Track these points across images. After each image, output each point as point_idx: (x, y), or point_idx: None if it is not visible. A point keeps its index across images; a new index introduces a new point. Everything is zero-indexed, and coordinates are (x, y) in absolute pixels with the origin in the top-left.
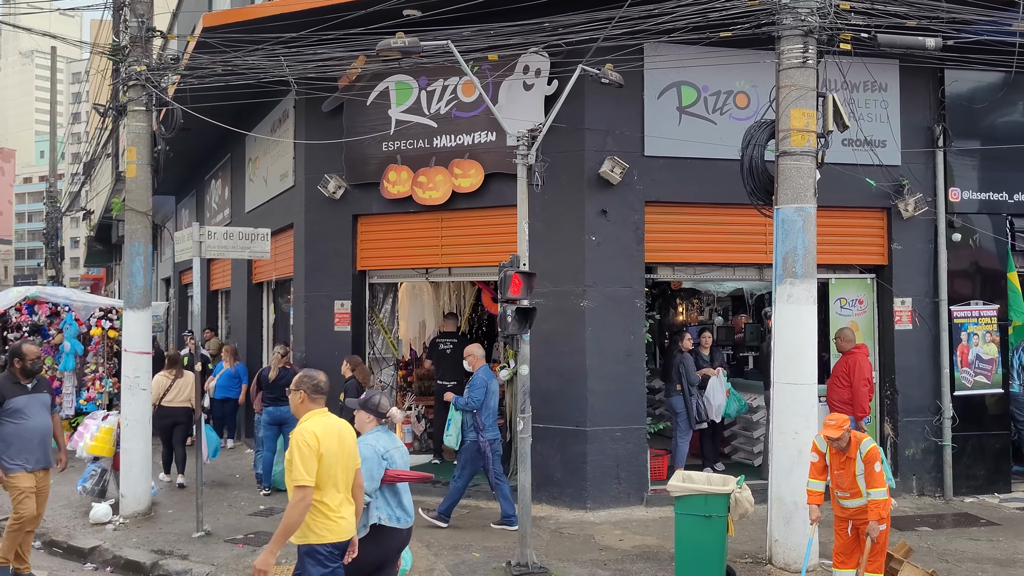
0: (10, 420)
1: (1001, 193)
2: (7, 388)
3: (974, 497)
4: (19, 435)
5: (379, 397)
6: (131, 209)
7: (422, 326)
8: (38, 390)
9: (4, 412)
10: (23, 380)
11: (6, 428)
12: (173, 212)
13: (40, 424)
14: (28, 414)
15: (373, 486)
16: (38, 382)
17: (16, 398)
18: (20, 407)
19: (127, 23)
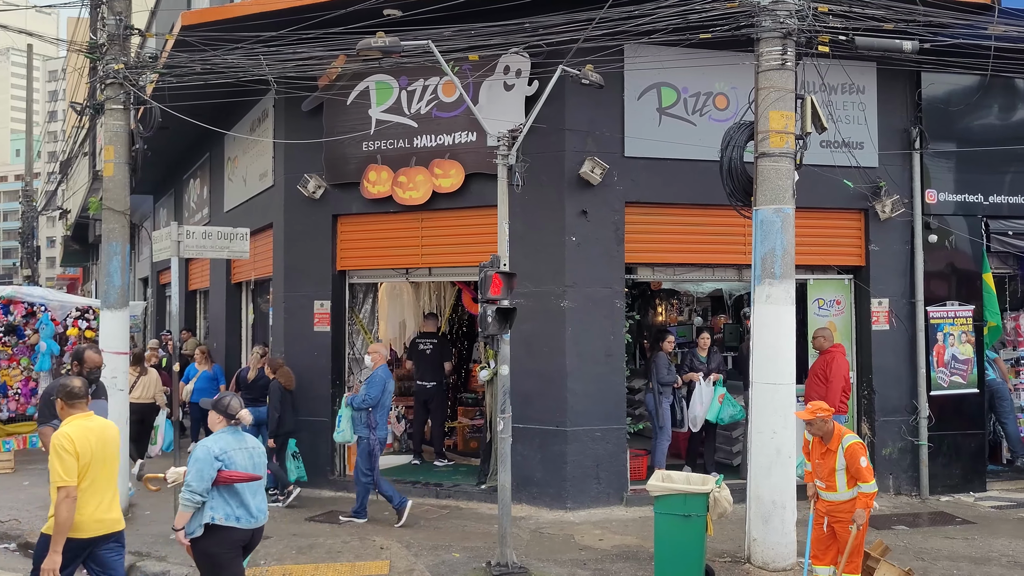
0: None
1: (977, 195)
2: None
3: (950, 496)
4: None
5: (229, 399)
6: (108, 208)
7: (402, 326)
8: (98, 396)
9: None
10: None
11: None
12: (151, 211)
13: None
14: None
15: (204, 486)
16: (97, 388)
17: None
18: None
19: (105, 21)
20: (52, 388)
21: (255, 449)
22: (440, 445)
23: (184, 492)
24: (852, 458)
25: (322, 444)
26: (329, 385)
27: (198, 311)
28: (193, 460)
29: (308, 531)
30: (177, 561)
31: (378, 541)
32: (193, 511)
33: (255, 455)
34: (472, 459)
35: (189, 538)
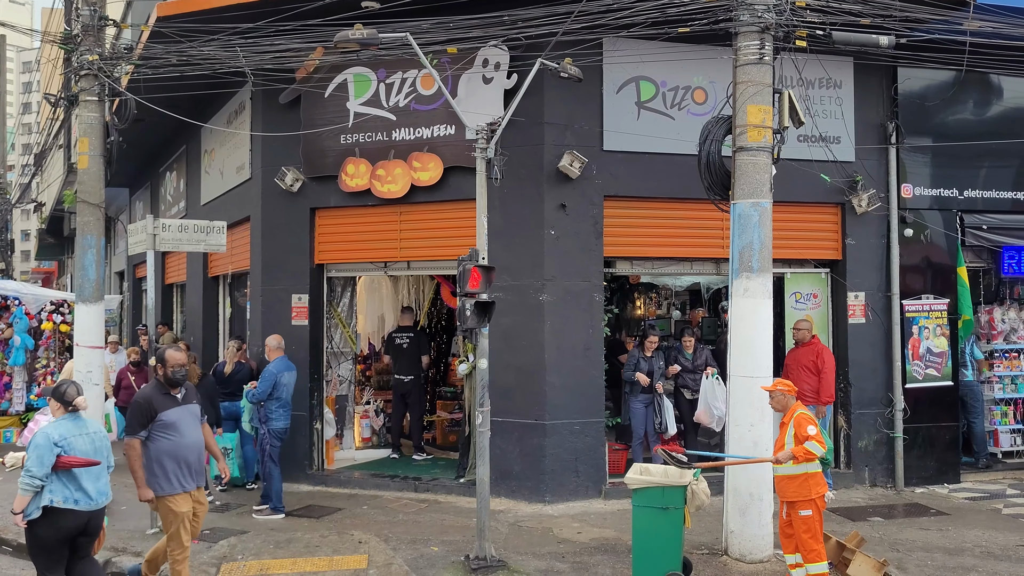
0: (164, 435)
1: (952, 189)
2: (158, 400)
3: (924, 487)
4: (174, 453)
5: (67, 386)
6: (83, 201)
7: (381, 320)
8: (188, 400)
9: (156, 427)
10: (172, 390)
11: (160, 445)
12: (127, 204)
13: (195, 439)
14: (182, 429)
15: (43, 471)
16: (187, 391)
17: (168, 411)
18: (173, 421)
19: (79, 11)
20: (141, 396)
21: (96, 434)
22: (419, 439)
23: (24, 477)
24: (799, 426)
25: (300, 439)
26: (307, 379)
27: (175, 305)
28: (33, 446)
29: (286, 525)
30: None
31: (356, 535)
32: (32, 495)
33: (96, 440)
34: (451, 453)
35: (27, 520)
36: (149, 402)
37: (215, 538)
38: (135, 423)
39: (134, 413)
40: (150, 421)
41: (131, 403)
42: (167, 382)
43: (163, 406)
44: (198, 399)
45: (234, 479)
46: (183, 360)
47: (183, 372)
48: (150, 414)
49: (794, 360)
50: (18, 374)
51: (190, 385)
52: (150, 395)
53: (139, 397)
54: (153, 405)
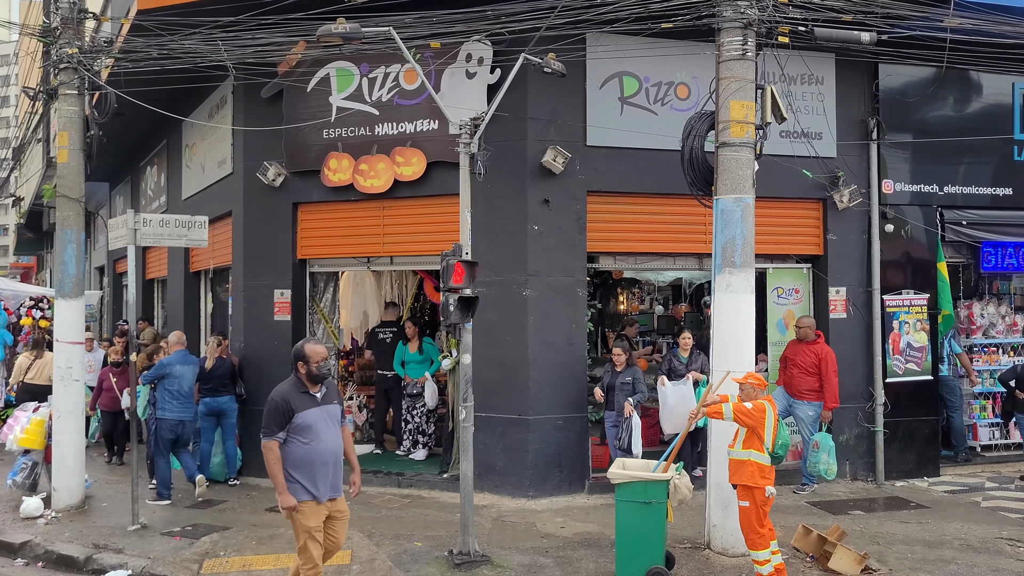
0: (299, 439)
1: (932, 185)
2: (295, 399)
3: (905, 481)
4: (310, 459)
5: None
6: (63, 196)
7: (364, 315)
8: (328, 400)
9: (292, 428)
10: (312, 388)
11: (294, 449)
12: (107, 199)
13: (333, 444)
14: (320, 432)
15: None
16: (327, 390)
17: (306, 412)
18: (311, 423)
19: (58, 3)
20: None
21: None
22: (401, 434)
23: None
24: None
25: None
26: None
27: (156, 300)
28: None
29: (268, 521)
30: (135, 553)
31: None
32: None
33: None
34: (434, 448)
35: None
36: (287, 401)
37: (197, 534)
38: (272, 424)
39: (271, 413)
40: (287, 422)
41: (268, 402)
42: (308, 379)
43: (301, 406)
44: (339, 399)
45: (214, 475)
46: (325, 354)
47: (327, 368)
48: (287, 414)
49: (792, 356)
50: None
51: (332, 383)
52: (287, 393)
53: (276, 395)
54: (291, 404)
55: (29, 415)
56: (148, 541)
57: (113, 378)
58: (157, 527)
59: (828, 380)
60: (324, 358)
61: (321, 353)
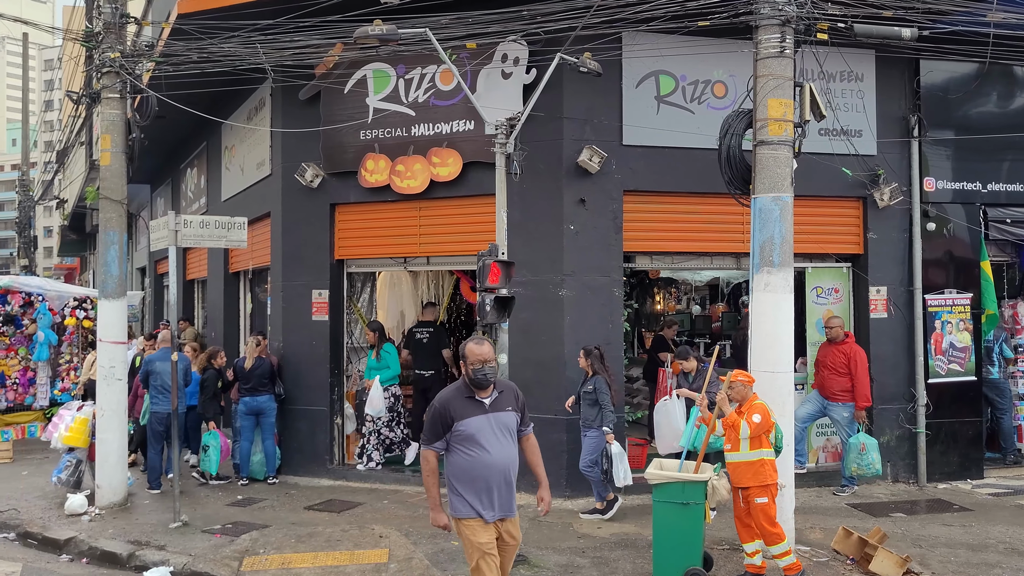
0: (463, 450)
1: (975, 183)
2: (457, 405)
3: (947, 483)
4: (473, 472)
5: None
6: (105, 198)
7: (401, 315)
8: (499, 407)
9: (454, 437)
10: (478, 393)
11: (458, 460)
12: (148, 201)
13: (502, 457)
14: (485, 443)
15: None
16: (499, 396)
17: (469, 420)
18: (473, 432)
19: (100, 9)
20: (439, 399)
21: None
22: None
23: None
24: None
25: (320, 433)
26: (327, 374)
27: (196, 300)
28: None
29: (307, 520)
30: (176, 550)
31: (377, 530)
32: None
33: None
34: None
35: None
36: (446, 407)
37: (237, 532)
38: (430, 431)
39: (429, 419)
40: (447, 430)
41: (429, 406)
42: (471, 383)
43: (462, 413)
44: (517, 406)
45: (254, 473)
46: (489, 355)
47: (490, 371)
48: (446, 422)
49: (823, 358)
50: (42, 369)
51: (508, 386)
52: (449, 398)
53: (437, 400)
54: (450, 411)
55: (73, 413)
56: (189, 538)
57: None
58: (198, 525)
59: (858, 379)
60: (486, 360)
61: (482, 354)
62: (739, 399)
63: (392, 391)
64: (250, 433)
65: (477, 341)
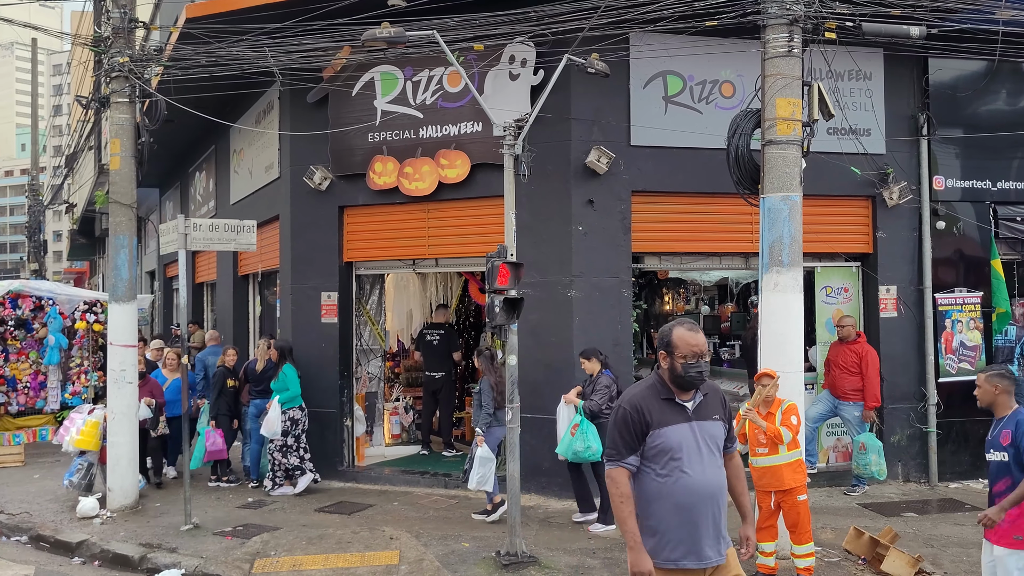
0: (655, 469)
1: (985, 181)
2: (652, 408)
3: (959, 483)
4: (669, 500)
5: None
6: (115, 202)
7: (409, 317)
8: (704, 414)
9: (648, 451)
10: (679, 395)
11: (649, 484)
12: (157, 205)
13: (711, 480)
14: (688, 460)
15: None
16: (704, 399)
17: (669, 429)
18: (673, 445)
19: (109, 14)
20: (628, 400)
21: None
22: (449, 435)
23: None
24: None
25: (331, 435)
26: (337, 376)
27: (205, 304)
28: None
29: (318, 522)
30: (188, 552)
31: (388, 531)
32: None
33: None
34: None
35: None
36: (639, 410)
37: (248, 534)
38: (619, 443)
39: (616, 426)
40: (639, 441)
41: (614, 410)
42: (675, 381)
43: (661, 419)
44: (725, 414)
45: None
46: (704, 346)
47: (705, 367)
48: (640, 429)
49: (834, 357)
50: (53, 373)
51: (712, 388)
52: (642, 399)
53: (625, 401)
54: (644, 415)
55: (84, 417)
56: (200, 541)
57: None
58: (209, 527)
59: (869, 379)
60: (701, 353)
61: (696, 344)
62: (771, 396)
63: (290, 414)
64: (260, 435)
65: (688, 326)
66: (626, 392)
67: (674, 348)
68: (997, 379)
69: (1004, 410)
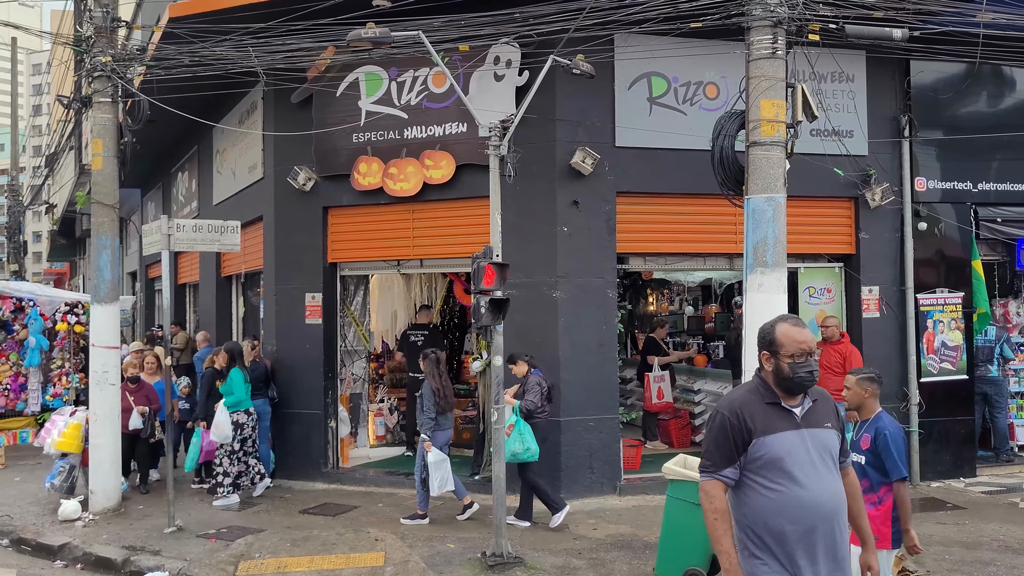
0: (761, 482)
1: (966, 182)
2: (756, 414)
3: (940, 482)
4: (779, 516)
5: None
6: (97, 202)
7: (394, 318)
8: (815, 421)
9: (748, 463)
10: (786, 399)
11: (754, 500)
12: (139, 205)
13: (826, 495)
14: (800, 472)
15: None
16: (813, 405)
17: (774, 437)
18: (782, 455)
19: (91, 13)
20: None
21: None
22: None
23: None
24: None
25: (315, 437)
26: (322, 377)
27: (187, 305)
28: None
29: (302, 523)
30: (171, 555)
31: (373, 533)
32: None
33: None
34: (465, 450)
35: None
36: (740, 416)
37: (232, 536)
38: (713, 451)
39: (713, 433)
40: (740, 451)
41: (711, 416)
42: (781, 384)
43: (765, 426)
44: (837, 423)
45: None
46: (813, 343)
47: (815, 366)
48: (742, 437)
49: (821, 359)
50: (33, 375)
51: (821, 393)
52: (743, 403)
53: (724, 406)
54: (746, 421)
55: (66, 419)
56: (184, 543)
57: (130, 396)
58: (193, 529)
59: None
60: (811, 351)
61: (805, 341)
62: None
63: (234, 418)
64: None
65: (792, 321)
66: (724, 397)
67: (779, 346)
68: (867, 382)
69: (868, 413)
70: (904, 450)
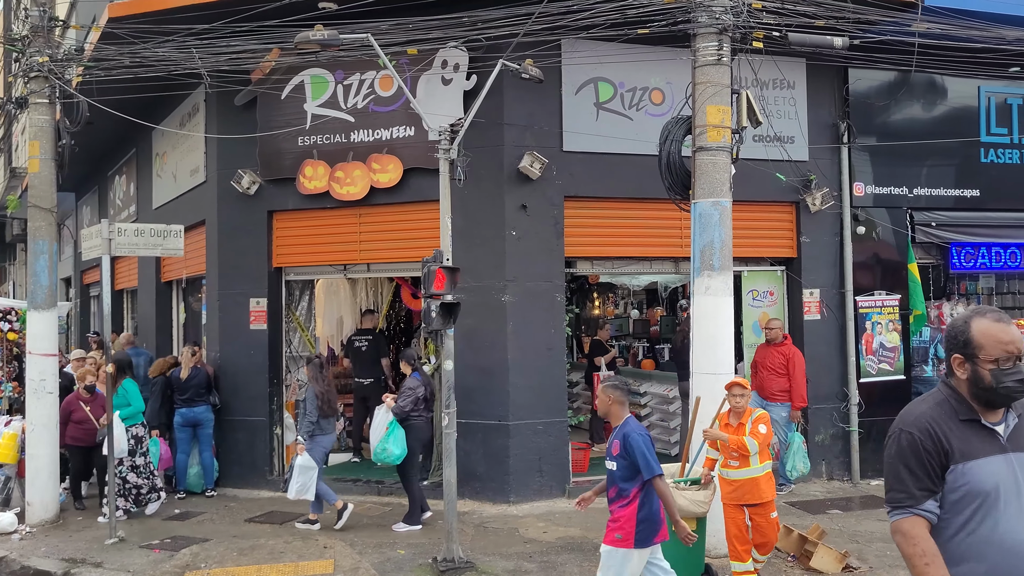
0: (955, 521)
1: (902, 188)
2: (952, 433)
3: (880, 480)
4: (978, 564)
5: None
6: (34, 206)
7: (339, 323)
8: (1021, 443)
9: (946, 496)
10: (986, 415)
11: (954, 540)
12: (73, 209)
13: None
14: (1006, 510)
15: None
16: (1020, 422)
17: (976, 463)
18: (988, 488)
19: (27, 11)
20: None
21: None
22: None
23: None
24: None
25: (260, 444)
26: (267, 384)
27: (125, 311)
28: None
29: (249, 532)
30: (114, 567)
31: (321, 540)
32: None
33: None
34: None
35: None
36: (933, 436)
37: (176, 547)
38: (907, 479)
39: (900, 458)
40: (937, 479)
41: (889, 435)
42: (980, 396)
43: (966, 450)
44: None
45: (191, 486)
46: (1020, 344)
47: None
48: (939, 461)
49: (762, 359)
50: None
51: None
52: (931, 419)
53: (908, 422)
54: (943, 442)
55: (1, 429)
56: (127, 554)
57: (86, 407)
58: (135, 540)
59: (796, 380)
60: (1018, 355)
61: (1009, 342)
62: (741, 407)
63: (133, 431)
64: (187, 445)
65: (994, 316)
66: (904, 412)
67: (976, 348)
68: (611, 390)
69: (617, 420)
70: (652, 448)
